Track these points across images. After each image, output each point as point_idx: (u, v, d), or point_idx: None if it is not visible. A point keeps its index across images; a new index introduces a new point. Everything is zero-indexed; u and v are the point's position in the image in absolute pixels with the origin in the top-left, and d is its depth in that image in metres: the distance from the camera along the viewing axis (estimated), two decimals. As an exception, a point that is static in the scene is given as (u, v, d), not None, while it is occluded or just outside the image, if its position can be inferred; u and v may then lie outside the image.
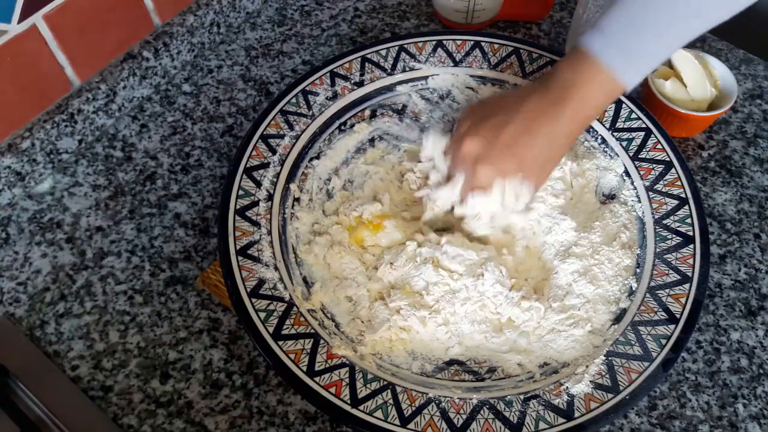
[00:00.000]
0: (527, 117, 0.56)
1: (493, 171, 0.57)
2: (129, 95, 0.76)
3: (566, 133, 0.57)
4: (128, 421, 0.57)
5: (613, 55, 0.53)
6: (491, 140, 0.57)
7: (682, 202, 0.61)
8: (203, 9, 0.80)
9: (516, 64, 0.72)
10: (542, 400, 0.51)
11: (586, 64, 0.54)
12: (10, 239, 0.67)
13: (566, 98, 0.55)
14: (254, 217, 0.61)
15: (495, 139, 0.57)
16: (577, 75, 0.55)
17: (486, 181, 0.57)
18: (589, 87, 0.55)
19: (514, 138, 0.56)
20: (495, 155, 0.57)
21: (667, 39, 0.53)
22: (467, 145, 0.58)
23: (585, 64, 0.54)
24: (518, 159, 0.56)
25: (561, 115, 0.56)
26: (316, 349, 0.53)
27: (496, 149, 0.57)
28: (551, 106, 0.56)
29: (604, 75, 0.54)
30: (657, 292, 0.57)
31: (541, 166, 0.58)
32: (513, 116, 0.57)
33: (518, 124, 0.56)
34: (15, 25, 0.63)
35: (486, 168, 0.57)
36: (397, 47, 0.73)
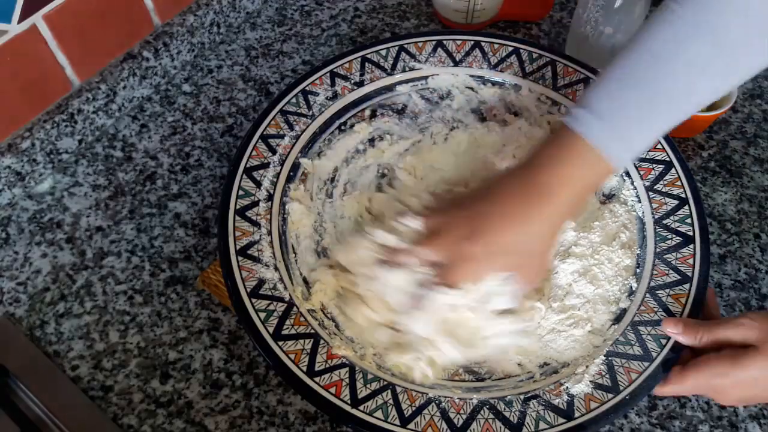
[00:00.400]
0: (506, 211, 0.52)
1: (470, 267, 0.52)
2: (129, 95, 0.77)
3: (550, 223, 0.53)
4: (128, 421, 0.57)
5: (606, 139, 0.50)
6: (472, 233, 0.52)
7: (682, 202, 0.61)
8: (203, 9, 0.80)
9: (516, 64, 0.71)
10: (542, 400, 0.51)
11: (571, 146, 0.51)
12: (10, 239, 0.67)
13: (551, 185, 0.51)
14: (254, 217, 0.60)
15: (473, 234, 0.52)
16: (562, 157, 0.51)
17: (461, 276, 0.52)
18: (577, 170, 0.51)
19: (491, 234, 0.52)
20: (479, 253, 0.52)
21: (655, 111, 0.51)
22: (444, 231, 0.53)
23: (570, 145, 0.51)
24: (498, 256, 0.52)
25: (545, 205, 0.51)
26: (316, 349, 0.53)
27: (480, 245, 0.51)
28: (533, 196, 0.52)
29: (595, 158, 0.50)
30: (657, 292, 0.57)
31: (528, 261, 0.54)
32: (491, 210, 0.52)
33: (497, 218, 0.52)
34: (15, 25, 0.63)
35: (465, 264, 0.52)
36: (397, 47, 0.73)
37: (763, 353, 0.48)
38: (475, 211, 0.53)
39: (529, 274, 0.54)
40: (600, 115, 0.50)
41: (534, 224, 0.52)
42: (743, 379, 0.48)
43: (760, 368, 0.48)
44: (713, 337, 0.51)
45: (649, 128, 0.51)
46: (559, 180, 0.51)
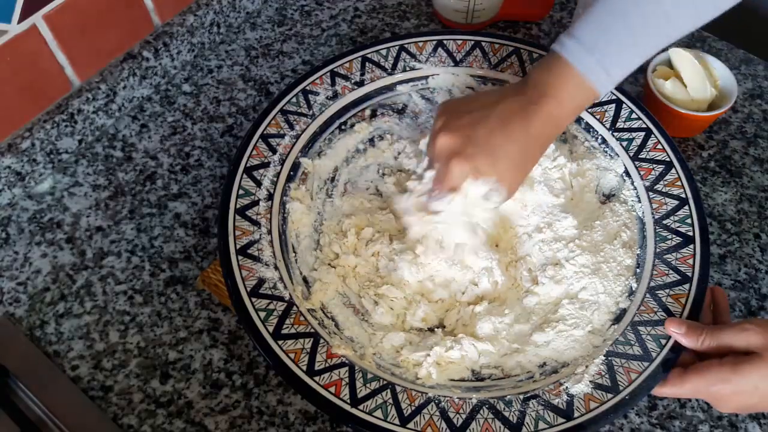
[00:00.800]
0: (502, 116, 0.56)
1: (466, 168, 0.56)
2: (129, 95, 0.77)
3: (539, 135, 0.56)
4: (128, 421, 0.57)
5: (587, 63, 0.54)
6: (466, 136, 0.56)
7: (682, 202, 0.61)
8: (203, 9, 0.80)
9: (516, 64, 0.72)
10: (542, 399, 0.51)
11: (560, 69, 0.55)
12: (10, 239, 0.67)
13: (540, 100, 0.55)
14: (254, 216, 0.61)
15: (469, 136, 0.56)
16: (552, 78, 0.55)
17: (458, 178, 0.56)
18: (563, 90, 0.55)
19: (489, 135, 0.55)
20: (470, 152, 0.56)
21: (639, 47, 0.55)
22: (441, 140, 0.57)
23: (559, 68, 0.55)
24: (493, 158, 0.55)
25: (535, 116, 0.55)
26: (316, 349, 0.53)
27: (471, 146, 0.56)
28: (525, 106, 0.56)
29: (577, 80, 0.55)
30: (657, 292, 0.56)
31: (516, 167, 0.57)
32: (488, 114, 0.56)
33: (493, 121, 0.56)
34: (15, 25, 0.63)
35: (460, 164, 0.56)
36: (398, 47, 0.73)
37: (765, 361, 0.48)
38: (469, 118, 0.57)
39: (512, 183, 0.58)
40: (584, 44, 0.54)
41: (527, 134, 0.56)
42: (743, 387, 0.48)
43: (761, 376, 0.48)
44: (716, 342, 0.51)
45: (630, 57, 0.55)
46: (549, 100, 0.55)
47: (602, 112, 0.68)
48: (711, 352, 0.51)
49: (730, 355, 0.50)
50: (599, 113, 0.68)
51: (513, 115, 0.56)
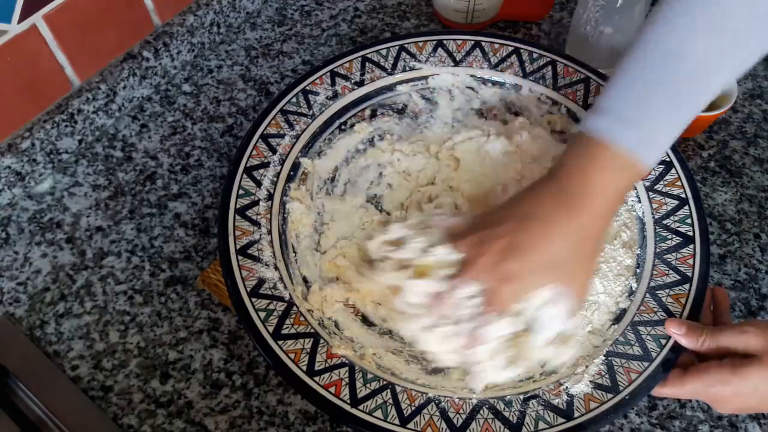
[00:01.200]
0: (541, 219, 0.50)
1: (515, 284, 0.49)
2: (129, 95, 0.77)
3: (588, 228, 0.50)
4: (128, 421, 0.57)
5: (628, 136, 0.49)
6: (508, 250, 0.50)
7: (682, 202, 0.61)
8: (203, 9, 0.80)
9: (516, 64, 0.71)
10: (542, 400, 0.51)
11: (596, 151, 0.49)
12: (10, 239, 0.67)
13: (582, 194, 0.49)
14: (254, 216, 0.60)
15: (512, 249, 0.49)
16: (591, 164, 0.50)
17: (508, 297, 0.50)
18: (608, 176, 0.49)
19: (534, 243, 0.49)
20: (516, 269, 0.49)
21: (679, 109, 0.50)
22: (480, 260, 0.50)
23: (597, 151, 0.49)
24: (543, 269, 0.50)
25: (579, 210, 0.49)
26: (316, 349, 0.53)
27: (516, 260, 0.49)
28: (565, 202, 0.50)
29: (620, 160, 0.49)
30: (657, 292, 0.56)
31: (575, 268, 0.51)
32: (527, 217, 0.50)
33: (535, 225, 0.50)
34: (15, 25, 0.63)
35: (507, 282, 0.49)
36: (398, 47, 0.73)
37: (764, 363, 0.47)
38: (507, 228, 0.51)
39: (577, 286, 0.51)
40: (623, 119, 0.49)
41: (572, 234, 0.50)
42: (743, 389, 0.48)
43: (760, 378, 0.47)
44: (715, 343, 0.50)
45: (673, 125, 0.51)
46: (592, 189, 0.50)
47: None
48: (710, 353, 0.51)
49: (729, 356, 0.49)
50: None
51: (553, 212, 0.50)
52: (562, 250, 0.50)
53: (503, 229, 0.51)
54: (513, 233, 0.50)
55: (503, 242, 0.50)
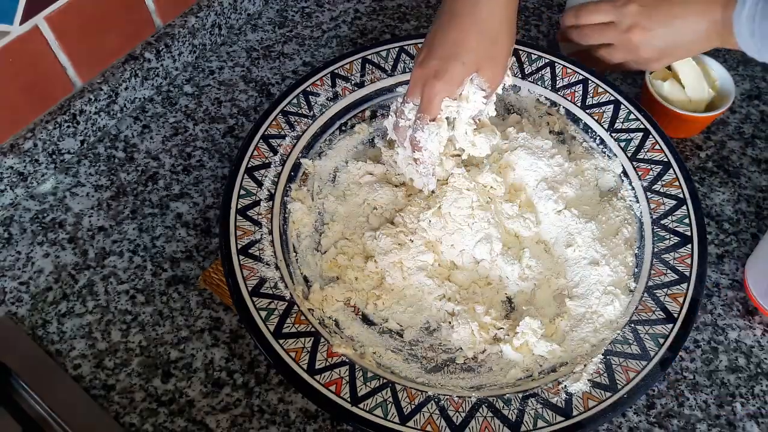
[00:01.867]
0: (449, 13, 0.55)
1: (438, 86, 0.55)
2: (131, 96, 0.77)
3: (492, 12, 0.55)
4: (130, 420, 0.57)
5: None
6: (428, 56, 0.55)
7: (680, 202, 0.61)
8: (204, 10, 0.80)
9: (515, 65, 0.72)
10: (541, 398, 0.52)
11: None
12: (13, 239, 0.68)
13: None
14: (255, 216, 0.61)
15: (429, 52, 0.55)
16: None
17: (435, 101, 0.56)
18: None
19: (443, 39, 0.54)
20: (434, 67, 0.54)
21: None
22: (414, 73, 0.57)
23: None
24: (455, 59, 0.54)
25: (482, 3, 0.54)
26: (317, 348, 0.54)
27: (433, 60, 0.55)
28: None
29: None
30: (655, 291, 0.57)
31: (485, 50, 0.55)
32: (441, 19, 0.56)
33: (444, 22, 0.55)
34: (17, 26, 0.63)
35: (430, 86, 0.55)
36: (398, 48, 0.73)
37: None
38: (428, 37, 0.57)
39: (495, 65, 0.56)
40: None
41: (478, 14, 0.55)
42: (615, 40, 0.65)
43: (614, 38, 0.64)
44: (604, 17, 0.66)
45: None
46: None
47: (600, 113, 0.68)
48: None
49: None
50: (597, 114, 0.68)
51: (457, 4, 0.55)
52: (473, 30, 0.54)
53: (426, 40, 0.57)
54: (431, 37, 0.56)
55: (425, 50, 0.56)
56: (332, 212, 0.67)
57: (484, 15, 0.55)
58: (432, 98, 0.56)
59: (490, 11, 0.55)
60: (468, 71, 0.55)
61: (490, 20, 0.55)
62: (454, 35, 0.54)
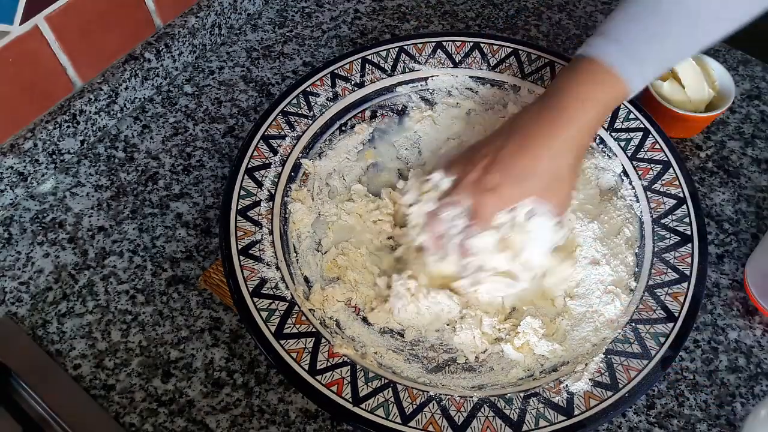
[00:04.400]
0: (522, 133, 0.52)
1: (493, 199, 0.52)
2: (131, 96, 0.77)
3: (568, 141, 0.53)
4: (130, 420, 0.57)
5: (620, 58, 0.51)
6: (488, 166, 0.53)
7: (680, 201, 0.61)
8: (204, 10, 0.80)
9: (515, 65, 0.72)
10: (542, 397, 0.52)
11: (582, 66, 0.52)
12: (13, 239, 0.68)
13: (564, 105, 0.52)
14: (256, 217, 0.61)
15: (492, 165, 0.52)
16: (573, 77, 0.52)
17: (487, 211, 0.53)
18: (590, 88, 0.52)
19: (511, 159, 0.52)
20: (495, 183, 0.52)
21: (673, 43, 0.52)
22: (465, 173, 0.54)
23: (581, 65, 0.52)
24: (520, 183, 0.52)
25: (558, 122, 0.52)
26: (318, 348, 0.54)
27: (495, 175, 0.52)
28: (547, 117, 0.52)
29: (603, 74, 0.51)
30: (656, 290, 0.57)
31: (554, 183, 0.53)
32: (508, 135, 0.53)
33: (514, 141, 0.52)
34: (17, 26, 0.63)
35: (486, 196, 0.52)
36: (397, 48, 0.73)
37: None
38: (493, 146, 0.54)
39: (557, 198, 0.54)
40: (614, 39, 0.51)
41: (553, 146, 0.52)
42: None
43: None
44: None
45: (662, 51, 0.52)
46: (575, 102, 0.52)
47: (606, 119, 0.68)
48: None
49: None
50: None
51: (534, 127, 0.52)
52: (543, 163, 0.52)
53: (488, 147, 0.54)
54: (497, 149, 0.53)
55: (487, 159, 0.53)
56: (332, 212, 0.67)
57: (556, 149, 0.52)
58: (486, 210, 0.53)
59: (563, 148, 0.53)
60: (524, 197, 0.53)
61: (561, 157, 0.53)
62: (525, 162, 0.52)
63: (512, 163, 0.52)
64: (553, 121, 0.52)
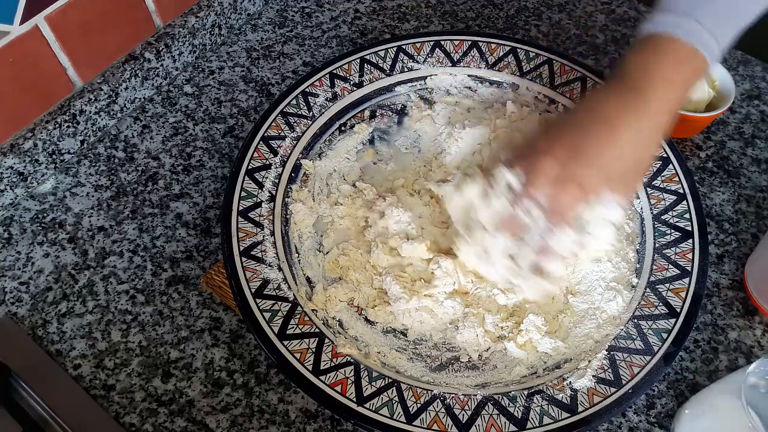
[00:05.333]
0: (607, 117, 0.49)
1: (575, 191, 0.48)
2: (131, 96, 0.77)
3: (655, 125, 0.49)
4: (130, 420, 0.57)
5: (696, 33, 0.48)
6: (572, 155, 0.48)
7: (680, 197, 0.62)
8: (204, 11, 0.80)
9: (513, 63, 0.72)
10: (546, 395, 0.52)
11: (657, 44, 0.49)
12: (13, 239, 0.67)
13: (645, 85, 0.48)
14: (257, 218, 0.61)
15: (576, 154, 0.48)
16: (650, 57, 0.49)
17: (569, 204, 0.49)
18: (672, 67, 0.48)
19: (597, 147, 0.48)
20: (580, 174, 0.48)
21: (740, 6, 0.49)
22: (544, 164, 0.49)
23: (655, 44, 0.49)
24: (607, 175, 0.48)
25: (644, 105, 0.48)
26: (321, 348, 0.54)
27: (579, 166, 0.48)
28: (631, 99, 0.49)
29: (680, 49, 0.48)
30: (657, 286, 0.57)
31: (630, 173, 0.50)
32: (591, 120, 0.49)
33: (598, 128, 0.48)
34: (17, 26, 0.63)
35: (571, 192, 0.48)
36: (396, 48, 0.73)
37: None
38: (569, 135, 0.50)
39: (629, 187, 0.51)
40: (685, 13, 0.48)
41: (642, 131, 0.49)
42: None
43: None
44: None
45: (735, 17, 0.50)
46: (655, 82, 0.49)
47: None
48: None
49: None
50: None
51: (618, 113, 0.49)
52: (627, 156, 0.49)
53: (564, 138, 0.50)
54: (577, 138, 0.49)
55: (566, 150, 0.49)
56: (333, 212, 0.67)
57: (644, 135, 0.49)
58: (567, 204, 0.49)
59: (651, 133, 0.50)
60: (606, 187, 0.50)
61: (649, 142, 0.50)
62: (612, 151, 0.48)
63: (598, 153, 0.48)
64: (638, 105, 0.48)
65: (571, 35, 0.86)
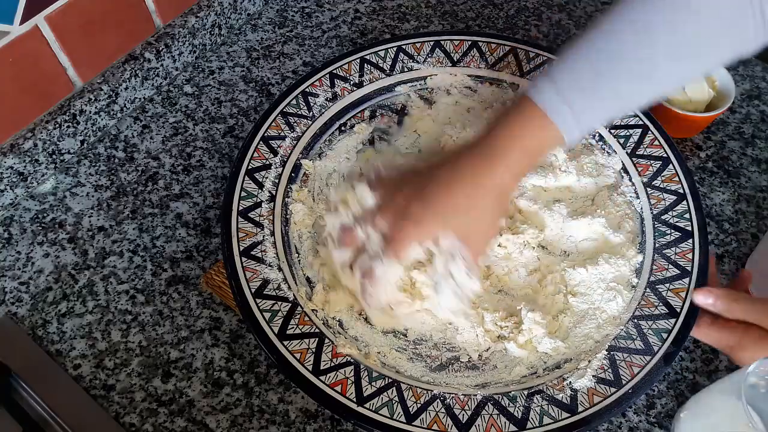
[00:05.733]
0: (454, 170, 0.52)
1: (410, 228, 0.51)
2: (131, 96, 0.77)
3: (494, 192, 0.52)
4: (130, 420, 0.57)
5: (554, 103, 0.50)
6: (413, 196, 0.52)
7: (680, 197, 0.62)
8: (204, 10, 0.80)
9: (513, 63, 0.72)
10: (546, 395, 0.52)
11: (523, 109, 0.51)
12: (13, 239, 0.67)
13: (493, 144, 0.52)
14: (257, 218, 0.61)
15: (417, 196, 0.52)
16: (513, 120, 0.52)
17: (402, 239, 0.52)
18: (522, 130, 0.51)
19: (437, 193, 0.51)
20: (415, 213, 0.51)
21: (613, 96, 0.51)
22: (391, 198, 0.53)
23: (522, 108, 0.52)
24: (440, 217, 0.51)
25: (486, 163, 0.52)
26: (321, 348, 0.54)
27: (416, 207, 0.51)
28: (478, 158, 0.52)
29: (542, 121, 0.51)
30: (657, 286, 0.57)
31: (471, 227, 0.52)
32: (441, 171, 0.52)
33: (444, 177, 0.52)
34: (17, 26, 0.63)
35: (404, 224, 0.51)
36: (396, 48, 0.73)
37: None
38: (425, 177, 0.53)
39: (474, 242, 0.53)
40: (555, 83, 0.50)
41: (482, 186, 0.52)
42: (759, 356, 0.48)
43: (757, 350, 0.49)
44: (744, 316, 0.51)
45: (601, 103, 0.51)
46: (508, 142, 0.51)
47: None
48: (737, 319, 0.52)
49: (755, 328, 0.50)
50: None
51: (461, 167, 0.52)
52: (463, 202, 0.51)
53: (420, 177, 0.53)
54: (424, 182, 0.53)
55: (412, 190, 0.53)
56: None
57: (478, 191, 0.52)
58: (402, 238, 0.52)
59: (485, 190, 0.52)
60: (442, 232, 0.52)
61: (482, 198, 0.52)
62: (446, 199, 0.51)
63: (435, 199, 0.51)
64: (485, 160, 0.52)
65: (571, 35, 0.86)
